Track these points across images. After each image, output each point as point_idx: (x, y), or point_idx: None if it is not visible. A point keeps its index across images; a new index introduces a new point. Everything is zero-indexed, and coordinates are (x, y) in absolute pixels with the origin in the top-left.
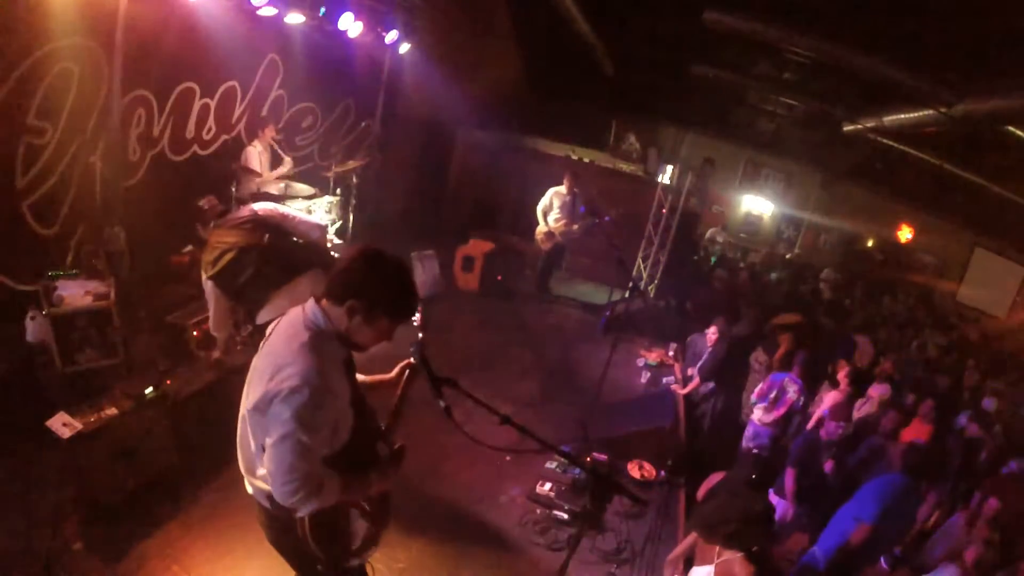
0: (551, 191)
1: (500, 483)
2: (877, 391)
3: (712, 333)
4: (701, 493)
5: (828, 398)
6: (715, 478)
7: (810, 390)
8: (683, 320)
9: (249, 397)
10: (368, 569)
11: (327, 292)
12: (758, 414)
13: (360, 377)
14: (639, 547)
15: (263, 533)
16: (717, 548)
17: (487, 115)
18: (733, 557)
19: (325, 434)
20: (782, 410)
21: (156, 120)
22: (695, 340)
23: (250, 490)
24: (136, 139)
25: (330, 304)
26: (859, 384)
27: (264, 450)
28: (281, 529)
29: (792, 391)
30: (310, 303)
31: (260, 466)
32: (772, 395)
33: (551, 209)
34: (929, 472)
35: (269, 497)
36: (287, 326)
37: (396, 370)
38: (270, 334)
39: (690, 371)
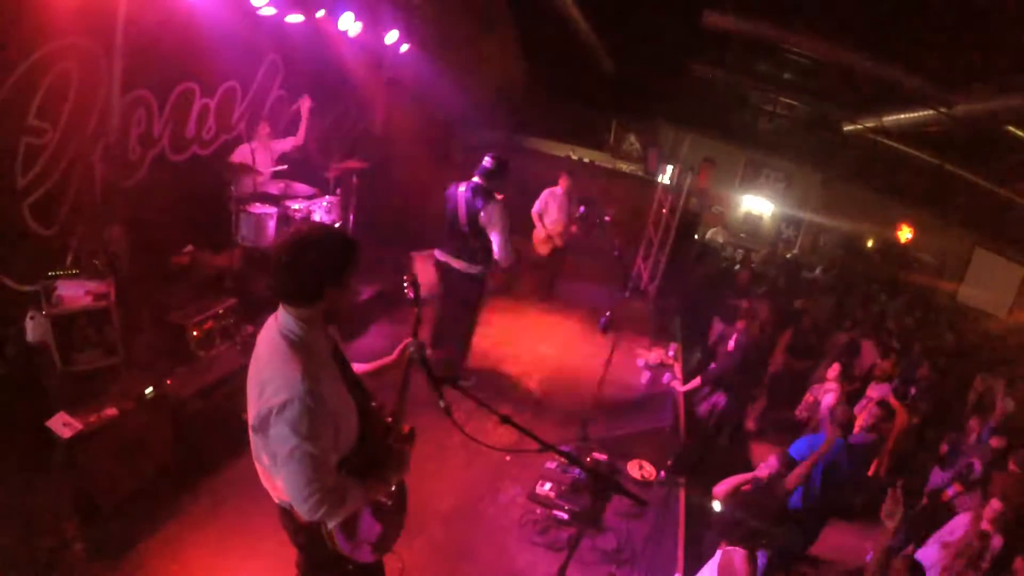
0: (545, 192)
1: (500, 483)
2: (877, 392)
3: (731, 341)
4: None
5: (825, 401)
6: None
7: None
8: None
9: (249, 416)
10: (396, 562)
11: (290, 301)
12: None
13: (362, 366)
14: (639, 547)
15: (288, 537)
16: None
17: (487, 115)
18: (737, 551)
19: (329, 436)
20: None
21: (156, 120)
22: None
23: (276, 500)
24: (136, 139)
25: (296, 307)
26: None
27: (276, 466)
28: (306, 534)
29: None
30: (280, 311)
31: (276, 479)
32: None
33: (546, 211)
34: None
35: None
36: (265, 335)
37: (397, 350)
38: (256, 344)
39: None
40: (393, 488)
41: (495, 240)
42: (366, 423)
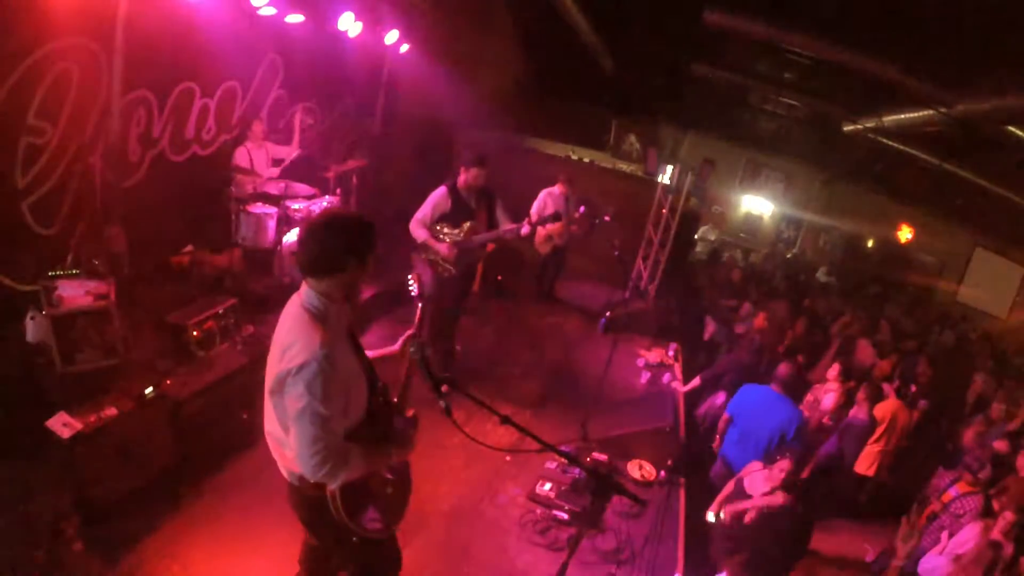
0: (543, 192)
1: (500, 483)
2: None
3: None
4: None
5: (826, 401)
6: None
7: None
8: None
9: (267, 382)
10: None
11: (312, 274)
12: None
13: (367, 352)
14: (639, 547)
15: (296, 514)
16: None
17: (487, 115)
18: None
19: (339, 401)
20: None
21: (156, 120)
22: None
23: (284, 474)
24: (136, 139)
25: (318, 280)
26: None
27: (287, 423)
28: (314, 508)
29: None
30: (303, 287)
31: (288, 448)
32: None
33: (545, 211)
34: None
35: (301, 478)
36: (288, 311)
37: (400, 342)
38: (280, 321)
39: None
40: (396, 466)
41: None
42: (373, 399)
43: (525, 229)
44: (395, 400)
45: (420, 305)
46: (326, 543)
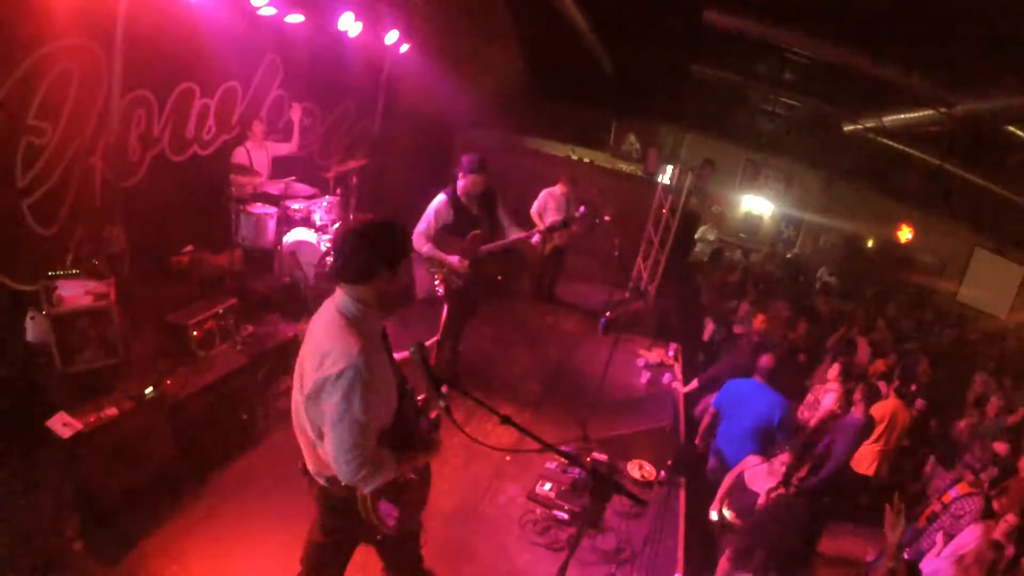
0: (544, 192)
1: (500, 483)
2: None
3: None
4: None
5: (827, 401)
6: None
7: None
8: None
9: (303, 388)
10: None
11: (345, 281)
12: None
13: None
14: (639, 547)
15: (323, 513)
16: None
17: (487, 115)
18: None
19: (374, 408)
20: None
21: (156, 120)
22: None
23: (316, 477)
24: (136, 139)
25: (352, 287)
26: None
27: (323, 436)
28: (342, 508)
29: None
30: (338, 293)
31: (321, 451)
32: None
33: (545, 211)
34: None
35: (331, 479)
36: (322, 316)
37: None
38: (311, 326)
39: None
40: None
41: None
42: (402, 402)
43: (536, 238)
44: (420, 402)
45: (447, 306)
46: (350, 541)
